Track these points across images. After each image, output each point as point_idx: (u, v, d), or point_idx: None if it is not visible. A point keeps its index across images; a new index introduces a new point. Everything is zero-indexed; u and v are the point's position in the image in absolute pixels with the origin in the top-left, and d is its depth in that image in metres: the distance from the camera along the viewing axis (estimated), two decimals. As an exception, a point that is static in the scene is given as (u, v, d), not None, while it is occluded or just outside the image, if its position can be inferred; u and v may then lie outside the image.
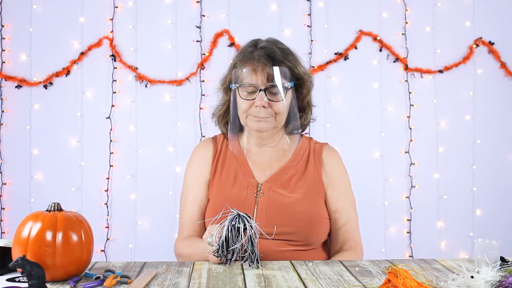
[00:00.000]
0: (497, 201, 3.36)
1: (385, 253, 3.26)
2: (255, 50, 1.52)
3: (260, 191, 1.51)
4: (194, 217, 1.57)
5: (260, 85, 1.48)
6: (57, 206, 1.16)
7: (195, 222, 1.57)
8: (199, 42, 3.30)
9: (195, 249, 1.45)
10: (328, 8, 3.34)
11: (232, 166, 1.57)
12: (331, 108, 3.32)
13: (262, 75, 1.48)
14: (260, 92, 1.47)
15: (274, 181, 1.53)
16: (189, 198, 1.59)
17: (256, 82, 1.48)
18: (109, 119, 3.27)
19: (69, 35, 3.28)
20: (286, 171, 1.55)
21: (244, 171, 1.56)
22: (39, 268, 1.02)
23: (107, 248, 3.24)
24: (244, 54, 1.53)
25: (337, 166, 1.61)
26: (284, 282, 1.12)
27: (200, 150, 1.65)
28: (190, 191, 1.60)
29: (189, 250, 1.50)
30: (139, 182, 3.28)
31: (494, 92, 3.38)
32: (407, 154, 3.35)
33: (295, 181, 1.53)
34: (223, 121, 1.62)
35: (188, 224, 1.57)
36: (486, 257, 1.11)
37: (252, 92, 1.49)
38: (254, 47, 1.54)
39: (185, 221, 1.58)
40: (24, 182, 3.25)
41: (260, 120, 1.49)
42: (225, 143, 1.63)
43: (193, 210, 1.57)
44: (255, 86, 1.48)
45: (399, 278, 1.02)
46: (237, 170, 1.56)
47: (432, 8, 3.38)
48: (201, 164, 1.61)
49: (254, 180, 1.54)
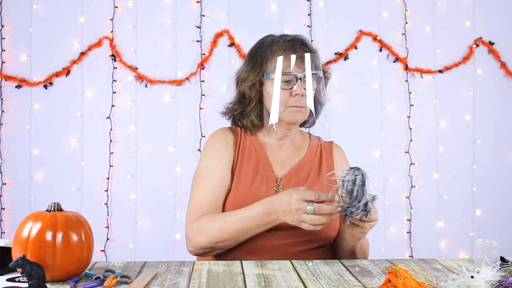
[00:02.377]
0: (497, 201, 3.36)
1: (385, 253, 3.26)
2: (285, 41, 1.52)
3: (280, 186, 1.52)
4: (219, 201, 1.48)
5: (300, 73, 1.46)
6: (57, 206, 1.16)
7: (219, 206, 1.48)
8: (199, 42, 3.30)
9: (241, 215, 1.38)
10: (328, 8, 3.35)
11: (252, 157, 1.55)
12: (331, 108, 3.32)
13: (300, 64, 1.46)
14: (299, 80, 1.46)
15: (293, 176, 1.54)
16: (213, 181, 1.50)
17: (295, 71, 1.46)
18: (109, 119, 3.27)
19: (69, 35, 3.28)
20: (303, 166, 1.56)
21: (265, 164, 1.55)
22: (39, 268, 1.02)
23: (107, 248, 3.24)
24: (279, 44, 1.52)
25: (346, 162, 1.64)
26: (284, 282, 1.12)
27: (220, 135, 1.58)
28: (214, 174, 1.50)
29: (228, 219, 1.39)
30: (139, 182, 3.28)
31: (494, 92, 3.38)
32: (407, 154, 3.35)
33: (312, 178, 1.54)
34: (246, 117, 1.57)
35: (212, 206, 1.47)
36: (486, 257, 1.11)
37: (289, 82, 1.47)
38: (283, 38, 1.54)
39: (207, 202, 1.47)
40: (24, 182, 3.25)
41: (298, 111, 1.48)
42: (243, 134, 1.59)
43: (218, 194, 1.48)
44: (294, 74, 1.46)
45: (399, 278, 1.02)
46: (257, 162, 1.54)
47: (432, 8, 3.38)
48: (224, 150, 1.54)
49: (273, 174, 1.53)
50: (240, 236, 1.40)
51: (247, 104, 1.56)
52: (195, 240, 1.43)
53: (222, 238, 1.40)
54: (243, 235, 1.40)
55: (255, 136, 1.60)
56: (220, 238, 1.40)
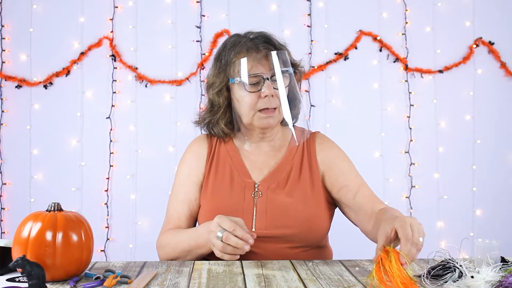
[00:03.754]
0: (497, 201, 3.36)
1: (385, 253, 3.26)
2: (248, 40, 1.44)
3: (258, 192, 1.46)
4: (182, 216, 1.52)
5: (266, 73, 1.39)
6: (57, 206, 1.16)
7: (182, 221, 1.52)
8: (199, 42, 3.30)
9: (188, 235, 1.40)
10: (328, 8, 3.35)
11: (227, 165, 1.51)
12: (331, 108, 3.32)
13: (265, 63, 1.40)
14: (266, 81, 1.38)
15: (272, 180, 1.48)
16: (180, 196, 1.54)
17: (261, 71, 1.39)
18: (109, 119, 3.27)
19: (69, 35, 3.28)
20: (282, 167, 1.49)
21: (240, 170, 1.49)
22: (39, 268, 1.02)
23: (107, 248, 3.24)
24: (241, 45, 1.43)
25: (329, 148, 1.55)
26: (284, 282, 1.12)
27: (194, 147, 1.57)
28: (181, 189, 1.54)
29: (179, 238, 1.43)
30: (139, 182, 3.28)
31: (494, 92, 3.38)
32: (407, 154, 3.35)
33: (293, 179, 1.48)
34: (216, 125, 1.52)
35: (175, 220, 1.53)
36: (486, 257, 1.11)
37: (256, 84, 1.40)
38: (245, 38, 1.45)
39: (173, 216, 1.53)
40: (24, 182, 3.25)
41: (268, 116, 1.41)
42: (218, 141, 1.56)
43: (181, 209, 1.53)
44: (260, 75, 1.39)
45: (388, 258, 1.06)
46: (232, 170, 1.50)
47: (432, 8, 3.38)
48: (195, 164, 1.54)
49: (251, 180, 1.48)
50: (186, 255, 1.41)
51: (216, 112, 1.50)
52: (159, 253, 1.51)
53: (175, 255, 1.43)
54: (188, 255, 1.40)
55: (231, 143, 1.54)
56: (173, 255, 1.44)
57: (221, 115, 1.50)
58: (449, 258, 1.18)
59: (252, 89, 1.40)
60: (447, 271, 1.13)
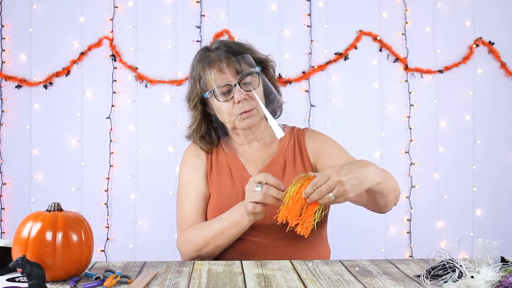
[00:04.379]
0: (497, 201, 3.36)
1: (385, 253, 3.26)
2: (211, 52, 1.52)
3: None
4: (200, 210, 1.55)
5: (233, 80, 1.47)
6: (57, 206, 1.16)
7: (201, 215, 1.54)
8: (199, 42, 3.30)
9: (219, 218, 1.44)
10: (328, 8, 3.34)
11: (224, 162, 1.59)
12: (331, 108, 3.32)
13: (230, 71, 1.47)
14: (235, 87, 1.46)
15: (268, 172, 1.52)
16: (191, 192, 1.57)
17: (228, 80, 1.47)
18: (109, 119, 3.27)
19: (69, 35, 3.28)
20: (276, 160, 1.57)
21: (237, 166, 1.57)
22: (39, 268, 1.02)
23: (107, 248, 3.24)
24: (204, 60, 1.52)
25: (318, 138, 1.63)
26: (284, 282, 1.12)
27: (193, 147, 1.66)
28: (191, 186, 1.58)
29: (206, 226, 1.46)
30: (139, 182, 3.28)
31: (494, 92, 3.37)
32: (407, 154, 3.35)
33: (289, 172, 1.55)
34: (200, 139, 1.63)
35: (194, 215, 1.54)
36: (486, 257, 1.11)
37: (228, 92, 1.48)
38: (208, 51, 1.54)
39: (189, 213, 1.54)
40: (24, 182, 3.25)
41: (248, 116, 1.48)
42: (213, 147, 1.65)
43: (198, 203, 1.55)
44: (229, 84, 1.47)
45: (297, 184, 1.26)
46: (230, 166, 1.58)
47: (432, 8, 3.38)
48: (197, 161, 1.61)
49: (247, 174, 1.55)
50: (218, 239, 1.42)
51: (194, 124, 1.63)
52: (183, 251, 1.50)
53: (204, 244, 1.43)
54: (221, 238, 1.42)
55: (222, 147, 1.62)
56: (202, 244, 1.43)
57: (197, 129, 1.62)
58: (449, 258, 1.18)
59: (224, 98, 1.48)
60: (447, 271, 1.13)
